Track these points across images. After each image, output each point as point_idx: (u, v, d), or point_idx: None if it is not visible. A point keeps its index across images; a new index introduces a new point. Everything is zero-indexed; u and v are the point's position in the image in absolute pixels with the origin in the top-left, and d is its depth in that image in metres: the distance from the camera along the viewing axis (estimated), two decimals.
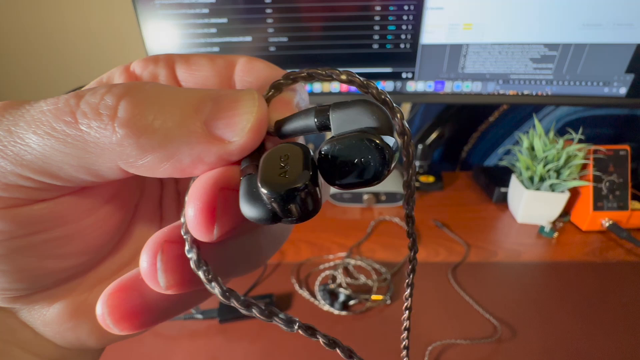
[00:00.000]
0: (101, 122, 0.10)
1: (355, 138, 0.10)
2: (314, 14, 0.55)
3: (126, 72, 0.14)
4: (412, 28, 0.56)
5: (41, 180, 0.11)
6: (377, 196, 0.66)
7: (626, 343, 0.41)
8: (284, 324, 0.11)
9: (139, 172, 0.11)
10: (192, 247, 0.11)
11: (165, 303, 0.12)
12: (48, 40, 0.74)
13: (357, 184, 0.10)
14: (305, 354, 0.40)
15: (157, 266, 0.11)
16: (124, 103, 0.10)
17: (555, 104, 0.62)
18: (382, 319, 0.45)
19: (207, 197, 0.10)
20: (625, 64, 0.56)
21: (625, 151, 0.58)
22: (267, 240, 0.14)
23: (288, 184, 0.09)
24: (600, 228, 0.58)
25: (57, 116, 0.10)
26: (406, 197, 0.12)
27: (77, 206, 0.13)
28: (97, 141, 0.10)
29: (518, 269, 0.52)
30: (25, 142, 0.10)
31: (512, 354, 0.40)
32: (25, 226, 0.11)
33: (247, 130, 0.11)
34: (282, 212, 0.10)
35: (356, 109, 0.11)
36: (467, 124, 0.82)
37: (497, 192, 0.67)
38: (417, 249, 0.13)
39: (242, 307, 0.11)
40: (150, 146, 0.10)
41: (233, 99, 0.11)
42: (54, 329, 0.13)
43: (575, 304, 0.46)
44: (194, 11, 0.55)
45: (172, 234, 0.11)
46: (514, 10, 0.54)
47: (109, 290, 0.12)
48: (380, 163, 0.10)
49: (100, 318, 0.11)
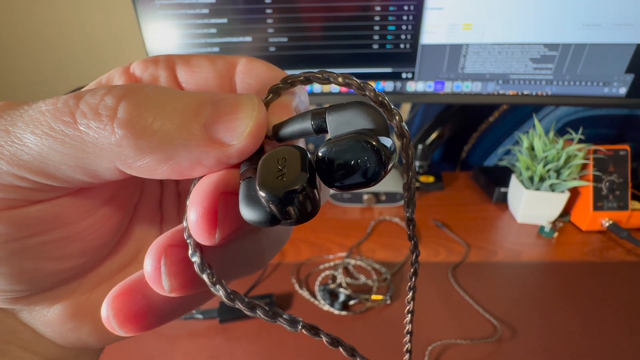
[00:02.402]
0: (100, 123, 0.10)
1: (351, 140, 0.10)
2: (314, 14, 0.55)
3: (126, 74, 0.14)
4: (412, 28, 0.56)
5: (38, 180, 0.11)
6: (377, 196, 0.66)
7: (626, 343, 0.41)
8: (287, 324, 0.11)
9: (137, 174, 0.11)
10: (196, 251, 0.11)
11: (168, 305, 0.12)
12: (48, 41, 0.74)
13: (355, 185, 0.10)
14: (305, 353, 0.40)
15: (161, 270, 0.11)
16: (123, 104, 0.10)
17: (555, 104, 0.62)
18: (382, 319, 0.45)
19: (208, 202, 0.10)
20: (625, 64, 0.56)
21: (625, 151, 0.58)
22: (269, 242, 0.14)
23: (285, 187, 0.09)
24: (600, 228, 0.58)
25: (55, 116, 0.10)
26: (406, 200, 0.12)
27: (74, 207, 0.13)
28: (96, 141, 0.10)
29: (518, 269, 0.52)
30: (22, 142, 0.10)
31: (512, 354, 0.40)
32: (23, 228, 0.11)
33: (246, 134, 0.11)
34: (280, 215, 0.10)
35: (352, 111, 0.11)
36: (467, 124, 0.82)
37: (497, 192, 0.67)
38: (418, 252, 0.13)
39: (246, 308, 0.11)
40: (148, 148, 0.10)
41: (233, 103, 0.11)
42: (55, 329, 0.13)
43: (575, 303, 0.46)
44: (194, 11, 0.55)
45: (174, 238, 0.11)
46: (514, 11, 0.54)
47: (113, 293, 0.12)
48: (377, 164, 0.10)
49: (105, 320, 0.11)
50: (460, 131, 0.82)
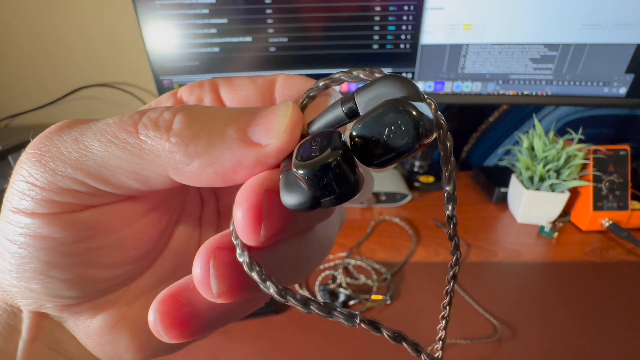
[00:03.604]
0: (158, 132, 0.11)
1: (380, 108, 0.10)
2: (314, 14, 0.55)
3: (174, 97, 0.15)
4: (412, 28, 0.56)
5: (94, 185, 0.12)
6: (377, 196, 0.66)
7: (626, 343, 0.41)
8: (344, 320, 0.11)
9: (185, 180, 0.12)
10: (244, 250, 0.11)
11: (212, 313, 0.12)
12: (48, 41, 0.74)
13: (394, 157, 0.10)
14: (305, 353, 0.40)
15: (210, 272, 0.11)
16: (178, 117, 0.12)
17: (555, 104, 0.62)
18: (382, 319, 0.45)
19: (253, 199, 0.11)
20: (625, 64, 0.56)
21: (625, 151, 0.58)
22: (314, 247, 0.14)
23: (319, 161, 0.09)
24: (600, 228, 0.58)
25: (121, 127, 0.12)
26: (446, 198, 0.11)
27: (119, 215, 0.14)
28: (152, 148, 0.11)
29: (518, 269, 0.52)
30: (89, 149, 0.12)
31: (512, 354, 0.40)
32: (74, 233, 0.12)
33: (282, 132, 0.11)
34: (318, 191, 0.10)
35: (380, 85, 0.11)
36: (467, 124, 0.82)
37: (497, 192, 0.67)
38: (460, 254, 0.13)
39: (299, 304, 0.11)
40: (195, 152, 0.11)
41: (269, 109, 0.12)
42: (95, 340, 0.14)
43: (575, 303, 0.46)
44: (194, 11, 0.55)
45: (222, 240, 0.11)
46: (514, 11, 0.54)
47: (160, 296, 0.12)
48: (412, 127, 0.09)
49: (151, 325, 0.12)
50: (460, 131, 0.82)
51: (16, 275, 0.12)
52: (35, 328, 0.13)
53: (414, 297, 0.47)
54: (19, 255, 0.12)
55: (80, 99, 0.80)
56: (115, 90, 0.79)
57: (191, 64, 0.59)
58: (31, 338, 0.13)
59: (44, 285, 0.12)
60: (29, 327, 0.13)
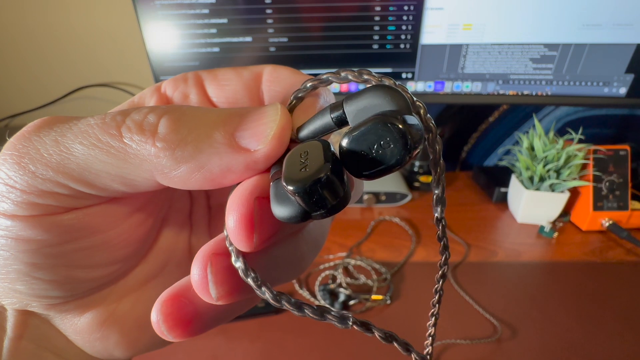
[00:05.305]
0: (143, 136, 0.11)
1: (370, 122, 0.10)
2: (314, 14, 0.55)
3: (157, 92, 0.15)
4: (412, 28, 0.56)
5: (78, 188, 0.12)
6: (377, 196, 0.66)
7: (626, 343, 0.41)
8: (337, 322, 0.11)
9: (172, 184, 0.12)
10: (239, 257, 0.11)
11: (213, 312, 0.13)
12: (47, 41, 0.74)
13: (382, 170, 0.10)
14: (305, 353, 0.40)
15: (208, 278, 0.11)
16: (163, 121, 0.11)
17: (555, 104, 0.62)
18: (382, 319, 0.45)
19: (244, 207, 0.10)
20: (625, 64, 0.56)
21: (625, 151, 0.58)
22: (308, 245, 0.14)
23: (309, 177, 0.09)
24: (600, 228, 0.58)
25: (103, 130, 0.11)
26: (435, 200, 0.12)
27: (105, 216, 0.13)
28: (138, 153, 0.11)
29: (518, 269, 0.52)
30: (70, 151, 0.11)
31: (512, 354, 0.40)
32: (59, 235, 0.12)
33: (270, 137, 0.11)
34: (309, 207, 0.10)
35: (369, 95, 0.11)
36: (467, 124, 0.82)
37: (497, 192, 0.67)
38: (448, 254, 0.13)
39: (294, 308, 0.11)
40: (182, 157, 0.11)
41: (257, 112, 0.12)
42: (84, 337, 0.14)
43: (575, 303, 0.46)
44: (194, 11, 0.55)
45: (218, 246, 0.11)
46: (514, 11, 0.54)
47: (162, 297, 0.12)
48: (401, 143, 0.09)
49: (155, 325, 0.12)
50: (460, 131, 0.82)
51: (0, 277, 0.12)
52: (21, 326, 0.13)
53: (414, 297, 0.47)
54: (2, 257, 0.12)
55: (80, 99, 0.80)
56: (115, 90, 0.79)
57: (191, 64, 0.59)
58: (17, 335, 0.13)
59: (28, 287, 0.12)
60: (14, 325, 0.13)
